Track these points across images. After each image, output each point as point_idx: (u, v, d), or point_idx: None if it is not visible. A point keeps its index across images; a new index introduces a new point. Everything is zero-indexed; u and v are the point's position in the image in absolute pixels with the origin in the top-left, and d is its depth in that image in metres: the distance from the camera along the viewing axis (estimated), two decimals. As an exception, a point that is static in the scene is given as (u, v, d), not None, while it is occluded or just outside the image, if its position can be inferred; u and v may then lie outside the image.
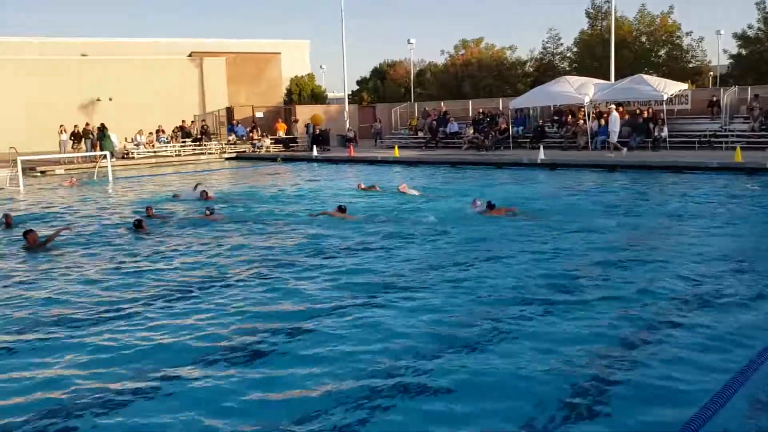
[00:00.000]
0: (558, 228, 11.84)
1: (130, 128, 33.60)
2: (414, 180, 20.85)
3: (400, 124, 39.13)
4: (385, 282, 8.44)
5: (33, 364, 5.92)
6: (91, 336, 6.63)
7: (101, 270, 9.47)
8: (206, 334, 6.65)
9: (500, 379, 5.38)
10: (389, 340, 6.34)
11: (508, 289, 7.97)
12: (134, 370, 5.77)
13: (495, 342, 6.26)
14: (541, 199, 16.03)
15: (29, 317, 7.34)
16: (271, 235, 11.95)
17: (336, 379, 5.47)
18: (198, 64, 43.07)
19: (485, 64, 47.89)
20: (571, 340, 6.20)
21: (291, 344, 6.34)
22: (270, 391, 5.31)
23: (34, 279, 9.07)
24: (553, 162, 23.81)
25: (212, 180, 23.89)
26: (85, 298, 8.05)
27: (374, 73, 62.76)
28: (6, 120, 36.78)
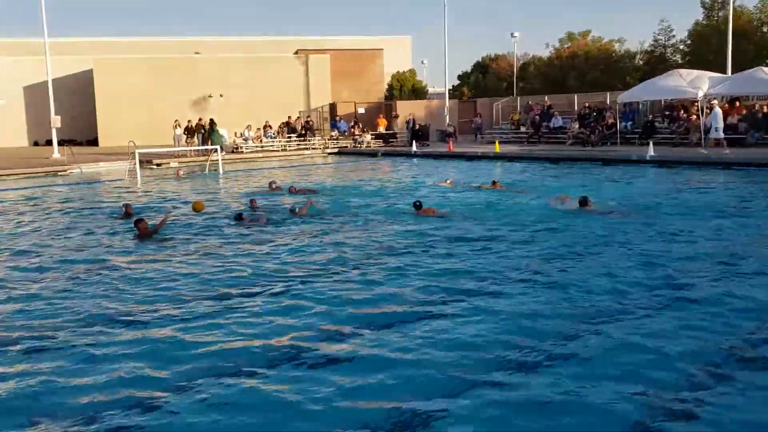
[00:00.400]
0: (659, 228, 11.30)
1: (239, 124, 34.94)
2: (513, 176, 20.55)
3: (502, 118, 38.63)
4: (477, 282, 8.30)
5: (134, 355, 6.18)
6: (187, 329, 6.83)
7: (202, 261, 9.82)
8: (291, 331, 6.74)
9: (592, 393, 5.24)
10: (479, 345, 6.21)
11: (603, 294, 7.67)
12: (227, 362, 5.95)
13: (588, 349, 6.07)
14: (647, 197, 15.38)
15: (133, 304, 7.69)
16: (363, 231, 11.97)
17: (418, 384, 5.45)
18: (303, 62, 44.20)
19: (592, 56, 46.46)
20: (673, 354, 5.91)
21: (383, 340, 6.38)
22: (359, 393, 5.28)
23: (140, 268, 9.52)
24: (664, 159, 22.80)
25: (314, 174, 24.46)
26: (183, 289, 8.31)
27: (476, 67, 62.29)
28: (125, 115, 39.23)
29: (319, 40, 54.56)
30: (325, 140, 36.02)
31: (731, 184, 17.80)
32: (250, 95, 41.36)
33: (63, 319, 7.16)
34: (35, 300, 7.93)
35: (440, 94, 49.69)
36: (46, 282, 8.81)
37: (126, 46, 51.18)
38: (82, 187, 21.77)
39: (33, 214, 15.35)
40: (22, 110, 43.48)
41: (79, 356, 6.09)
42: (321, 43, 52.56)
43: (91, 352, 6.18)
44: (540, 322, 6.68)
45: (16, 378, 5.62)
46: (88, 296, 8.03)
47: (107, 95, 40.15)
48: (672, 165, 22.08)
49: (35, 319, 7.17)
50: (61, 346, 6.35)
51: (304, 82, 43.88)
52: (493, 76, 56.67)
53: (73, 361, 5.98)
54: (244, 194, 17.92)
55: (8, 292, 8.35)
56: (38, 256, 10.46)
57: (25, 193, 19.95)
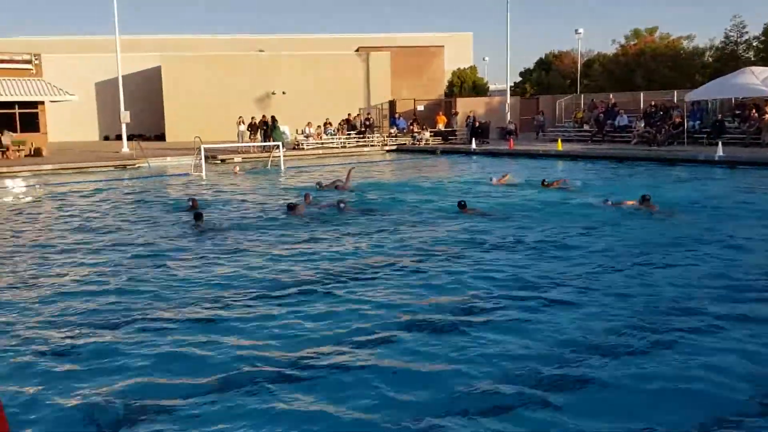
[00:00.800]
0: (719, 233, 10.97)
1: (300, 121, 35.40)
2: (575, 174, 20.20)
3: (565, 116, 37.97)
4: (534, 282, 8.26)
5: (201, 342, 6.41)
6: (241, 320, 7.05)
7: (260, 254, 10.09)
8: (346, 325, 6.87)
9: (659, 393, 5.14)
10: (534, 345, 6.22)
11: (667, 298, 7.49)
12: (282, 352, 6.11)
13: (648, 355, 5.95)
14: (715, 199, 14.90)
15: (186, 296, 7.94)
16: (407, 230, 11.97)
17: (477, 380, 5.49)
18: (364, 59, 44.45)
19: (660, 54, 45.16)
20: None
21: (443, 338, 6.42)
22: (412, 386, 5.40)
23: (196, 259, 9.88)
24: (733, 160, 22.00)
25: (373, 170, 24.58)
26: (236, 281, 8.59)
27: (539, 64, 61.38)
28: (191, 111, 40.27)
29: (380, 38, 54.74)
30: (384, 137, 36.13)
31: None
32: (312, 92, 41.87)
33: (121, 311, 7.45)
34: (86, 290, 8.26)
35: (501, 91, 49.17)
36: (106, 271, 9.20)
37: (192, 44, 52.51)
38: (150, 180, 22.51)
39: (100, 207, 15.98)
40: (93, 106, 45.16)
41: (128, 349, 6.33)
42: (382, 41, 52.69)
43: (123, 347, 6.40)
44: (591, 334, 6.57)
45: (66, 361, 5.88)
46: (143, 290, 8.28)
47: (174, 91, 41.30)
48: (742, 166, 21.29)
49: (81, 312, 7.44)
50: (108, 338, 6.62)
51: (364, 80, 44.13)
52: (557, 73, 55.73)
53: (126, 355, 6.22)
54: (299, 189, 18.13)
55: (74, 281, 8.77)
56: (99, 248, 10.91)
57: (95, 186, 20.75)
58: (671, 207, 13.18)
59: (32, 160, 28.26)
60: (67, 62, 43.30)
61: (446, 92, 48.59)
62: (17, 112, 31.09)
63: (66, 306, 7.55)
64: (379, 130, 38.07)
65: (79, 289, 8.34)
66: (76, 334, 6.63)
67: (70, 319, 7.12)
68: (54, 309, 7.45)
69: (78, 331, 6.71)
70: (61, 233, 12.31)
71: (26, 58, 31.95)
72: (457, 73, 52.06)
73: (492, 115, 39.13)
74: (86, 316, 7.23)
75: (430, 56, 47.00)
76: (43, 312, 7.35)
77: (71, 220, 13.86)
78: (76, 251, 10.59)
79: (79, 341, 6.45)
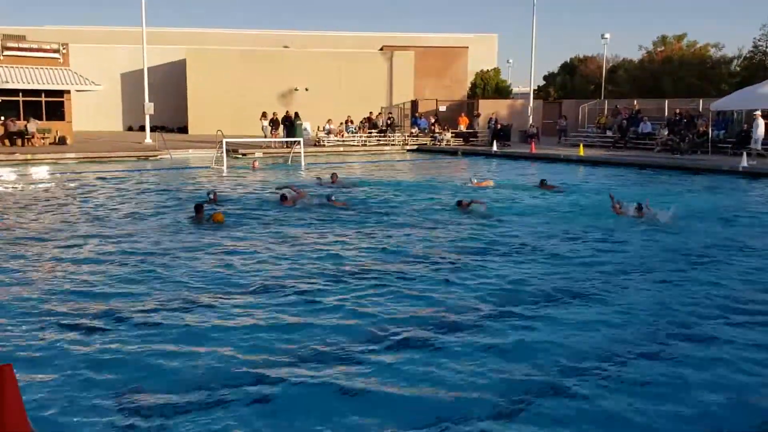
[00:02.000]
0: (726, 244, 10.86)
1: (322, 117, 35.47)
2: (596, 180, 20.08)
3: (588, 121, 37.66)
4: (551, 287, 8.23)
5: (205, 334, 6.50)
6: (247, 313, 7.11)
7: (249, 251, 10.17)
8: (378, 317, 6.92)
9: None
10: (548, 351, 6.20)
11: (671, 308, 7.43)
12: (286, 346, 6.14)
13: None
14: (738, 211, 14.74)
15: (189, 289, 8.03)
16: (394, 228, 12.13)
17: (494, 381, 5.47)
18: (388, 58, 44.43)
19: (686, 61, 44.62)
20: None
21: (459, 338, 6.42)
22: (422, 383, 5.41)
23: (203, 251, 10.04)
24: (758, 171, 21.70)
25: (395, 169, 24.58)
26: (244, 273, 8.71)
27: (563, 68, 60.95)
28: (215, 104, 40.52)
29: (404, 37, 54.65)
30: (405, 137, 36.09)
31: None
32: (335, 89, 41.96)
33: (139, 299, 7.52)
34: (96, 278, 8.37)
35: (524, 93, 48.88)
36: (115, 261, 9.34)
37: (217, 37, 52.79)
38: (171, 172, 22.69)
39: (120, 196, 16.17)
40: (118, 96, 45.59)
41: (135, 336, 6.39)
42: (406, 40, 52.60)
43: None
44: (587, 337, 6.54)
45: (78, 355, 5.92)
46: (151, 279, 8.41)
47: (198, 84, 41.57)
48: (766, 177, 20.99)
49: (89, 298, 7.56)
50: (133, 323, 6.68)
51: (387, 79, 44.12)
52: (581, 77, 55.29)
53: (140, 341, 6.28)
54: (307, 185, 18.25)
55: (85, 266, 8.87)
56: (114, 236, 11.08)
57: (117, 175, 20.97)
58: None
59: (56, 148, 28.63)
60: (93, 52, 43.77)
61: (469, 94, 48.40)
62: (43, 100, 31.51)
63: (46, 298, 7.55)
64: (401, 129, 38.03)
65: (64, 283, 8.29)
66: (58, 329, 6.59)
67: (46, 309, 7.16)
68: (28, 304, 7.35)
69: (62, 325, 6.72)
70: (58, 224, 12.36)
71: (54, 47, 32.36)
72: (480, 74, 51.82)
73: (515, 118, 38.91)
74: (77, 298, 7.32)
75: (454, 57, 46.86)
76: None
77: (76, 210, 14.00)
78: (69, 243, 10.60)
79: (61, 336, 6.40)
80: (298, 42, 51.45)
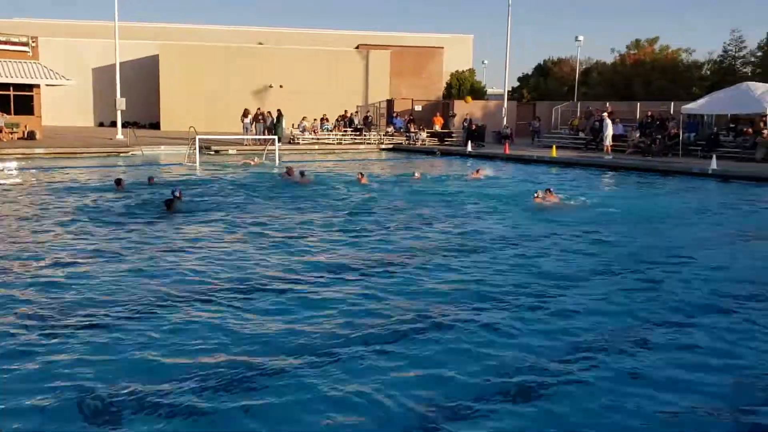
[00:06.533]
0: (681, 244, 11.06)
1: (297, 115, 35.31)
2: (566, 183, 20.25)
3: (561, 123, 38.02)
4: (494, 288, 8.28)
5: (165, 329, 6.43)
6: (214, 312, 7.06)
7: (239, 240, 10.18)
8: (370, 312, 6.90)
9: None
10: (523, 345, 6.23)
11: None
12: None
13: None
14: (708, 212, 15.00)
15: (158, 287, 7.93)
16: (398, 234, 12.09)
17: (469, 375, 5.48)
18: (364, 57, 44.41)
19: (658, 65, 45.28)
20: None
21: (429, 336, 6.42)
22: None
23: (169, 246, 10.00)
24: (727, 174, 22.07)
25: (373, 167, 24.54)
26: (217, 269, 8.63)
27: (537, 69, 61.51)
28: (188, 101, 40.14)
29: (380, 36, 54.67)
30: (380, 136, 36.08)
31: None
32: (310, 87, 41.81)
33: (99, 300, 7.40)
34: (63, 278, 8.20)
35: (499, 95, 49.18)
36: (85, 258, 9.18)
37: (191, 33, 52.31)
38: (142, 168, 22.39)
39: (84, 192, 15.89)
40: (89, 91, 44.89)
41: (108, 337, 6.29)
42: (382, 39, 52.63)
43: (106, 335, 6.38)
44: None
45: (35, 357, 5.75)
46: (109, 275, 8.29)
47: (171, 81, 41.13)
48: (735, 180, 21.36)
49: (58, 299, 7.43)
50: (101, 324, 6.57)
51: (363, 77, 44.08)
52: (555, 79, 55.82)
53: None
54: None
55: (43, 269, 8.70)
56: (71, 233, 10.90)
57: (86, 172, 20.63)
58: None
59: (25, 143, 28.12)
60: (64, 46, 43.10)
61: (444, 94, 48.57)
62: (12, 94, 30.90)
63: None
64: (376, 128, 38.02)
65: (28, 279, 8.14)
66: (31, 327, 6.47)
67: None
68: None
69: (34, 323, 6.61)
70: (21, 220, 12.10)
71: (23, 40, 31.76)
72: (455, 75, 52.04)
73: (489, 119, 39.14)
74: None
75: (430, 57, 46.98)
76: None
77: (38, 207, 13.68)
78: (33, 240, 10.43)
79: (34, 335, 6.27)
80: (273, 39, 51.16)
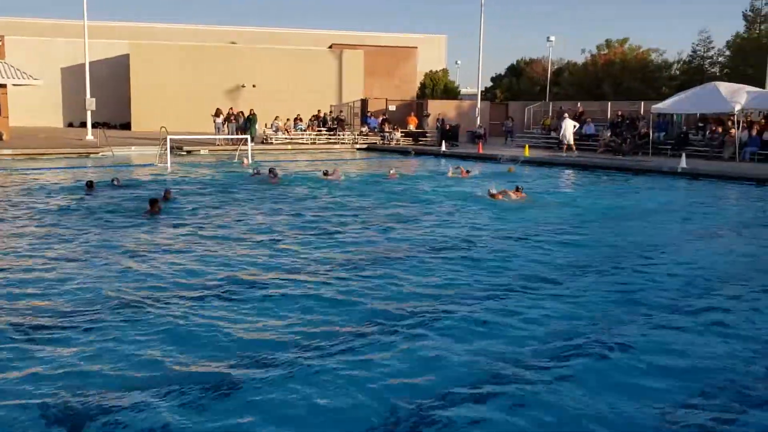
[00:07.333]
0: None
1: (270, 115, 35.10)
2: (536, 182, 20.41)
3: (533, 123, 38.31)
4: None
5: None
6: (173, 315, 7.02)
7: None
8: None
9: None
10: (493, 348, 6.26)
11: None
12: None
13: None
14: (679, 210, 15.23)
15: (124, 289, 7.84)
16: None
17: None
18: (337, 56, 44.30)
19: (629, 65, 45.86)
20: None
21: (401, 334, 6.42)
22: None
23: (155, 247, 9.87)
24: (696, 172, 22.42)
25: (347, 167, 24.47)
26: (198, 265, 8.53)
27: (510, 70, 61.84)
28: (159, 101, 39.66)
29: (354, 35, 54.59)
30: (354, 136, 36.04)
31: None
32: (283, 87, 41.58)
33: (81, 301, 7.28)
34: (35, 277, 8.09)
35: (472, 95, 49.39)
36: (57, 259, 9.05)
37: (163, 32, 51.76)
38: (113, 169, 22.06)
39: (57, 194, 15.64)
40: (59, 91, 44.16)
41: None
42: (356, 39, 52.56)
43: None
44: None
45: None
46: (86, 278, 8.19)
47: (142, 80, 40.61)
48: (703, 178, 21.70)
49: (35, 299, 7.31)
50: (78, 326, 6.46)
51: (337, 77, 43.98)
52: (527, 79, 56.18)
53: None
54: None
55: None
56: (45, 237, 10.69)
57: (56, 173, 20.28)
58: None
59: (-8, 144, 27.56)
60: (32, 45, 42.35)
61: (418, 94, 48.66)
62: (-22, 93, 30.29)
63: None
64: (350, 128, 37.97)
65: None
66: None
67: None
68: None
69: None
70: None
71: (-11, 38, 31.15)
72: (429, 75, 52.18)
73: (462, 119, 39.33)
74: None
75: (404, 57, 47.03)
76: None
77: (1, 210, 13.37)
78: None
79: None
80: (246, 38, 50.82)
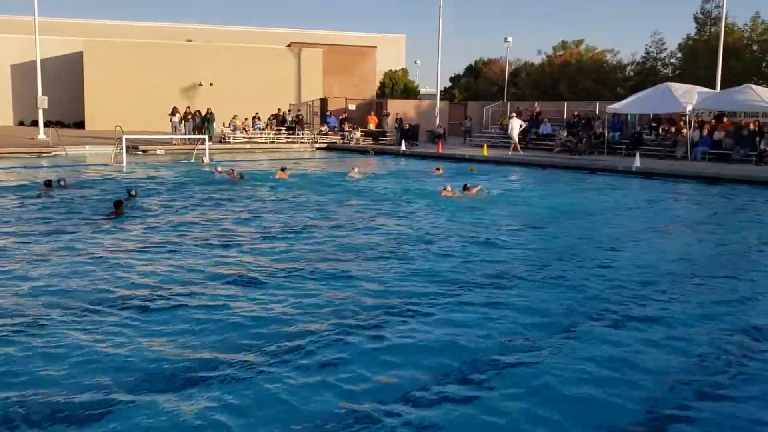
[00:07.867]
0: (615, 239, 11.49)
1: (227, 114, 34.72)
2: (496, 182, 20.64)
3: (491, 122, 38.70)
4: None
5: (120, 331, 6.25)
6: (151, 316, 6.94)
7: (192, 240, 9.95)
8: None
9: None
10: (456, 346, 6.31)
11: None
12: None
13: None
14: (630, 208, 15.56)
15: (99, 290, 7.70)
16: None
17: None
18: (296, 55, 44.06)
19: (584, 66, 46.68)
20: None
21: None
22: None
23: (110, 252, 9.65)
24: (650, 171, 22.94)
25: (303, 165, 24.39)
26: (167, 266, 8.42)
27: (468, 70, 62.39)
28: (114, 99, 38.89)
29: (312, 34, 54.39)
30: (314, 135, 35.90)
31: (711, 197, 17.98)
32: (241, 85, 41.16)
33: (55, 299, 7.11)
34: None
35: (431, 94, 49.69)
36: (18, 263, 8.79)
37: (117, 30, 50.78)
38: (66, 169, 21.56)
39: (11, 195, 15.22)
40: (8, 89, 42.96)
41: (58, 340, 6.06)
42: (314, 37, 52.38)
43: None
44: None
45: None
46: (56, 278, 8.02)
47: (96, 78, 39.74)
48: (657, 177, 22.23)
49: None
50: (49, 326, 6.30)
51: (295, 76, 43.73)
52: (485, 80, 56.75)
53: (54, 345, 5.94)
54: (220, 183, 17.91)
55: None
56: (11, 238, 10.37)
57: (6, 173, 19.72)
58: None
59: (-63, 143, 26.67)
60: (-20, 41, 41.09)
61: (378, 93, 48.71)
62: None
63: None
64: (310, 127, 37.80)
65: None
66: None
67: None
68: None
69: None
70: None
71: (-66, 34, 30.10)
72: (389, 74, 52.29)
73: (422, 119, 39.52)
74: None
75: (363, 56, 47.02)
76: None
77: None
78: None
79: None
80: (203, 36, 50.20)
